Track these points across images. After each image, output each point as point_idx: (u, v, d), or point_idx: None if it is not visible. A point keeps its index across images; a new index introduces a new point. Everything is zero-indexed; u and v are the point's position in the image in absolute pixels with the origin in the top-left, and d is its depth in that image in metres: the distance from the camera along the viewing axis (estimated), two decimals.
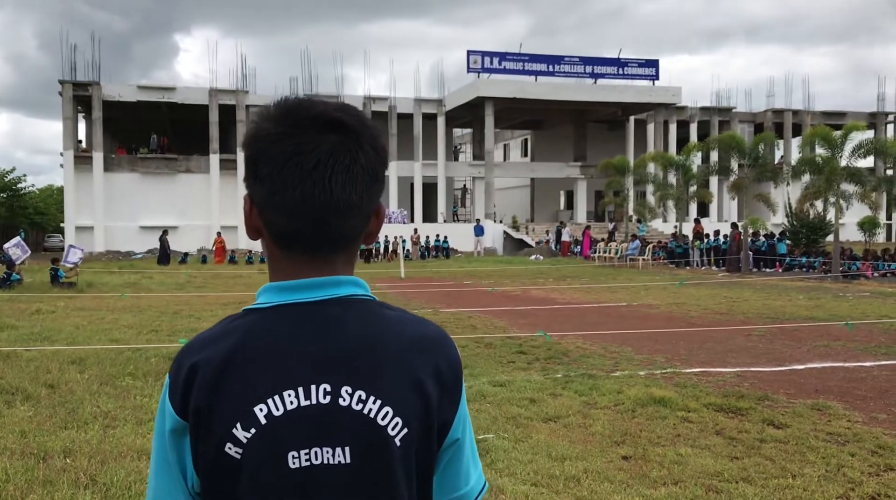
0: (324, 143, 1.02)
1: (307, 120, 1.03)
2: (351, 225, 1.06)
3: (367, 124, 1.07)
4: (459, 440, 1.09)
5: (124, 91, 37.89)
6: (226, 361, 1.01)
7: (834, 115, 44.73)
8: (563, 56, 40.97)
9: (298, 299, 1.04)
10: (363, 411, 1.00)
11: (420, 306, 14.77)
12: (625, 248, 29.41)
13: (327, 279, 1.05)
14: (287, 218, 1.03)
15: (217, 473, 1.00)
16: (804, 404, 6.39)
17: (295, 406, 0.99)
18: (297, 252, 1.06)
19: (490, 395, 6.62)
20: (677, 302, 15.27)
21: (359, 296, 1.07)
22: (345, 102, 1.11)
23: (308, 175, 1.01)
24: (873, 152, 21.79)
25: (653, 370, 7.97)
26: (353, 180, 1.03)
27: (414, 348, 1.05)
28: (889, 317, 12.45)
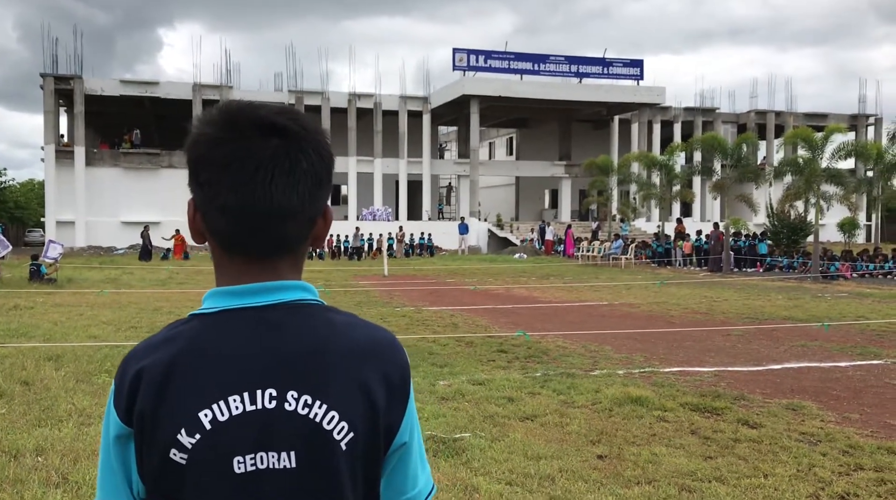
0: (265, 148, 1.01)
1: (248, 125, 1.02)
2: (294, 230, 1.05)
3: (311, 129, 1.06)
4: (407, 443, 1.09)
5: (107, 85, 37.56)
6: (170, 366, 1.00)
7: (816, 116, 45.12)
8: (548, 55, 41.06)
9: (243, 305, 1.03)
10: (309, 416, 1.00)
11: (402, 304, 14.77)
12: (608, 247, 29.53)
13: (272, 284, 1.05)
14: (227, 223, 1.03)
15: (162, 479, 1.00)
16: (779, 404, 6.45)
17: (240, 411, 0.99)
18: (241, 257, 1.05)
19: (469, 393, 6.63)
20: (658, 301, 15.36)
21: (306, 301, 1.07)
22: (291, 107, 1.11)
23: (248, 180, 1.00)
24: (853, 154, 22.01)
25: (631, 369, 8.02)
26: (295, 185, 1.02)
27: (361, 353, 1.05)
28: (866, 318, 12.59)
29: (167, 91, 38.38)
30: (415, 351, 8.94)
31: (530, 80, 40.43)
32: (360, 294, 16.84)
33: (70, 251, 30.91)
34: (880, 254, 22.81)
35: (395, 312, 13.32)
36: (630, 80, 41.68)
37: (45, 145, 36.79)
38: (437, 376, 7.49)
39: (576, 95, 40.47)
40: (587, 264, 28.98)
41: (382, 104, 40.62)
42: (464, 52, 39.71)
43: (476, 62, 39.65)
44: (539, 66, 40.46)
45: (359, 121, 40.22)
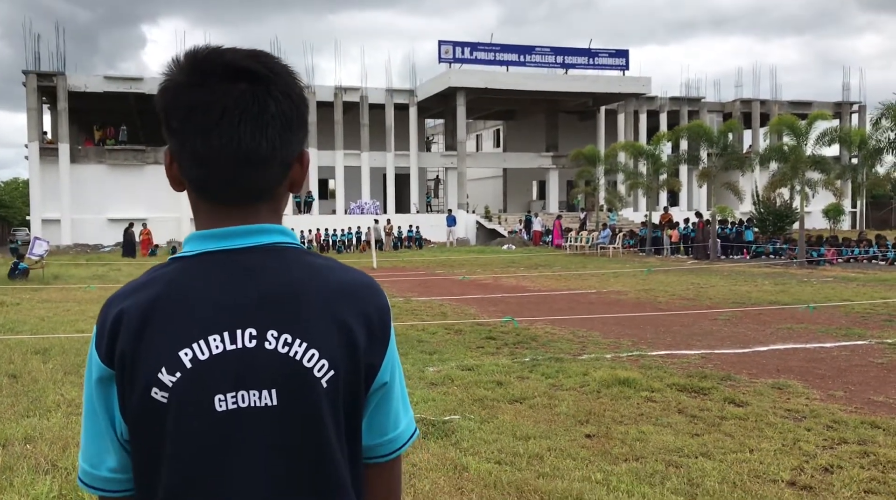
0: (231, 92, 1.01)
1: (214, 69, 1.02)
2: (267, 175, 1.05)
3: (279, 71, 1.05)
4: (388, 384, 1.10)
5: (90, 82, 37.25)
6: (150, 308, 1.01)
7: (800, 104, 45.34)
8: (534, 46, 41.04)
9: (222, 247, 1.04)
10: (289, 354, 1.01)
11: (392, 294, 14.76)
12: (595, 236, 29.63)
13: (250, 227, 1.05)
14: (199, 169, 1.04)
15: (144, 418, 1.01)
16: (765, 384, 6.52)
17: (220, 350, 1.00)
18: (217, 202, 1.06)
19: (458, 378, 6.67)
20: (646, 288, 15.44)
21: (284, 244, 1.08)
22: (260, 49, 1.09)
23: (215, 126, 1.00)
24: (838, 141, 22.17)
25: (619, 353, 8.08)
26: (263, 129, 1.02)
27: (341, 294, 1.06)
28: (850, 300, 12.71)
29: (152, 87, 37.97)
30: (404, 339, 8.96)
31: (516, 72, 40.41)
32: None
33: (56, 249, 30.71)
34: (864, 239, 23.01)
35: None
36: (616, 70, 41.74)
37: (29, 143, 36.47)
38: (427, 362, 7.52)
39: (562, 86, 40.49)
40: (575, 254, 29.08)
41: (369, 98, 40.51)
42: (449, 45, 39.63)
43: (462, 54, 39.58)
44: (525, 57, 40.44)
45: (345, 115, 40.10)
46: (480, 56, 39.81)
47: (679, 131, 28.25)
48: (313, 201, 39.82)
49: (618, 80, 41.32)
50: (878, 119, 19.80)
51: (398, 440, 1.13)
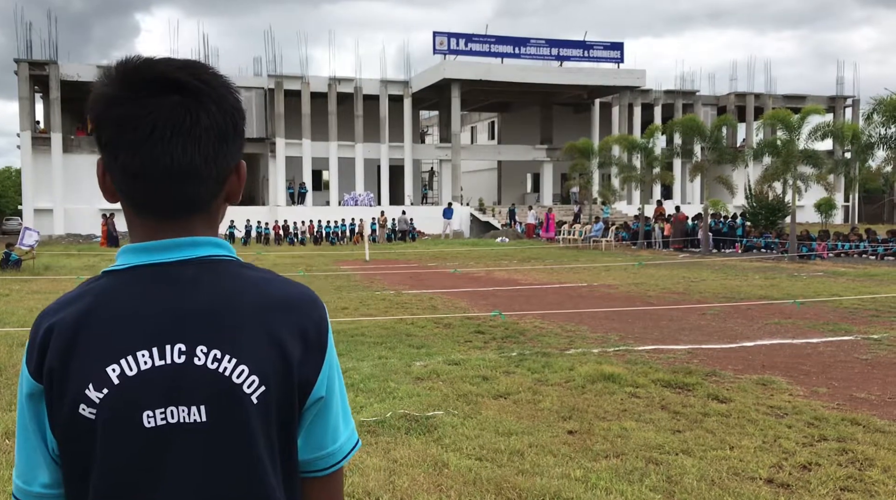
0: (162, 105, 1.00)
1: (145, 82, 1.01)
2: (201, 189, 1.04)
3: (212, 83, 1.04)
4: (325, 398, 1.09)
5: (83, 71, 37.05)
6: (79, 323, 1.01)
7: (795, 98, 45.39)
8: (529, 38, 40.96)
9: (153, 261, 1.03)
10: (218, 370, 1.00)
11: (383, 287, 14.78)
12: (588, 230, 29.66)
13: (183, 240, 1.04)
14: (131, 183, 1.02)
15: (73, 435, 1.00)
16: (750, 379, 6.55)
17: (149, 366, 0.99)
18: (151, 215, 1.05)
19: (444, 373, 6.68)
20: (636, 282, 15.47)
21: (218, 257, 1.07)
22: (197, 60, 1.09)
23: (145, 140, 0.99)
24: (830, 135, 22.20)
25: (606, 348, 8.10)
26: (195, 143, 1.01)
27: (275, 308, 1.05)
28: (839, 295, 12.76)
29: None
30: (392, 333, 8.98)
31: (511, 64, 40.34)
32: (342, 278, 16.84)
33: (48, 239, 30.62)
34: (856, 234, 23.08)
35: (375, 295, 13.33)
36: (611, 63, 41.70)
37: (21, 132, 36.31)
38: (414, 357, 7.53)
39: (556, 79, 40.45)
40: (568, 247, 29.11)
41: (363, 89, 40.40)
42: (444, 36, 39.52)
43: (457, 46, 39.48)
44: (520, 49, 40.37)
45: (339, 106, 40.00)
46: (475, 48, 39.73)
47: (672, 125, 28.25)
48: (307, 193, 39.77)
49: (613, 72, 41.29)
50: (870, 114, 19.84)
51: (337, 454, 1.13)
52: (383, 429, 4.97)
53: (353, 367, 6.88)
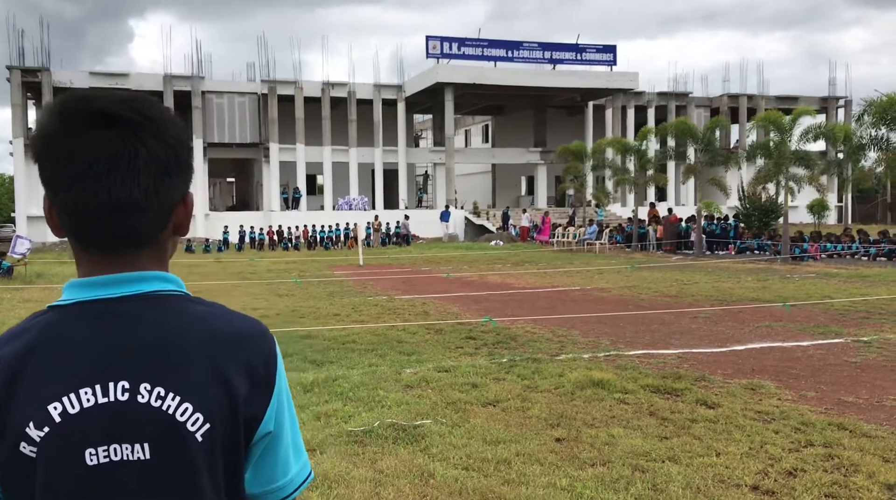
0: (99, 140, 1.00)
1: (84, 117, 1.01)
2: (143, 223, 1.04)
3: (152, 116, 1.04)
4: (273, 433, 1.09)
5: (75, 77, 36.99)
6: (21, 359, 1.00)
7: (787, 99, 45.51)
8: (521, 42, 41.02)
9: (98, 296, 1.03)
10: (161, 408, 1.00)
11: (376, 293, 14.78)
12: (582, 232, 29.70)
13: (129, 275, 1.04)
14: (72, 219, 1.02)
15: (14, 473, 0.99)
16: (739, 384, 6.57)
17: (92, 404, 0.99)
18: (95, 250, 1.04)
19: (433, 381, 6.68)
20: (629, 285, 15.50)
21: (165, 292, 1.06)
22: (140, 94, 1.08)
23: (82, 176, 0.99)
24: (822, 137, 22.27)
25: (596, 353, 8.11)
26: (135, 177, 1.01)
27: (222, 343, 1.05)
28: (830, 297, 12.80)
29: (138, 83, 37.86)
30: (384, 340, 8.99)
31: (504, 67, 40.40)
32: (335, 284, 16.83)
33: (41, 247, 30.53)
34: (848, 235, 23.15)
35: (368, 301, 13.32)
36: (603, 65, 41.78)
37: (14, 139, 36.21)
38: (404, 364, 7.53)
39: (549, 82, 40.51)
40: (562, 250, 29.13)
41: (356, 93, 40.41)
42: (437, 40, 39.55)
43: (449, 50, 39.52)
44: (512, 52, 40.43)
45: (333, 110, 40.00)
46: (468, 51, 39.78)
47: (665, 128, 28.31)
48: (301, 197, 39.75)
49: (605, 75, 41.38)
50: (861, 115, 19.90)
51: (288, 487, 1.13)
52: (371, 439, 4.97)
53: (342, 375, 6.88)
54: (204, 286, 16.08)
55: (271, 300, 13.61)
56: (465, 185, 49.23)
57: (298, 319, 11.11)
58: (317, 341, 8.95)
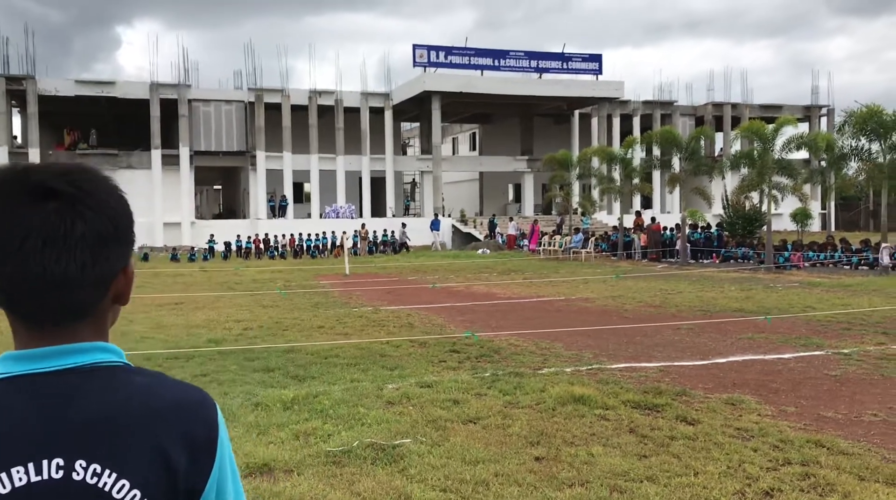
0: (35, 213, 0.98)
1: (20, 190, 1.00)
2: (79, 296, 1.02)
3: (90, 189, 1.03)
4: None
5: (61, 85, 36.79)
6: None
7: (771, 108, 45.90)
8: (508, 51, 41.19)
9: (34, 370, 1.01)
10: (98, 485, 0.98)
11: (361, 304, 14.75)
12: (568, 241, 29.78)
13: (67, 347, 1.02)
14: (6, 294, 1.01)
15: None
16: (719, 399, 6.60)
17: (24, 483, 0.96)
18: (32, 322, 1.03)
19: (415, 397, 6.66)
20: (614, 295, 15.54)
21: (105, 363, 1.05)
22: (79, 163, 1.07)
23: (17, 250, 0.98)
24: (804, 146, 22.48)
25: (579, 367, 8.12)
26: (71, 252, 0.99)
27: (160, 416, 1.03)
28: (812, 308, 12.88)
29: (124, 91, 37.73)
30: (367, 354, 8.97)
31: (491, 76, 40.54)
32: (320, 295, 16.78)
33: None
34: (831, 243, 23.34)
35: (353, 312, 13.30)
36: (589, 75, 42.01)
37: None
38: (387, 379, 7.51)
39: (536, 90, 40.68)
40: (548, 259, 29.20)
41: (344, 101, 40.41)
42: (424, 49, 39.64)
43: (437, 58, 39.61)
44: (499, 61, 40.58)
45: (320, 118, 39.97)
46: (455, 60, 39.89)
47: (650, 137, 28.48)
48: (287, 205, 39.66)
49: (591, 84, 41.59)
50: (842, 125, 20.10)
51: None
52: (349, 459, 4.95)
53: (324, 391, 6.86)
54: (188, 298, 16.01)
55: (256, 312, 13.56)
56: (453, 192, 49.30)
57: (282, 331, 11.07)
58: (299, 355, 8.91)
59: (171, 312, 13.54)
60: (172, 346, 9.66)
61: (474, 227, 39.71)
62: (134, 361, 1.13)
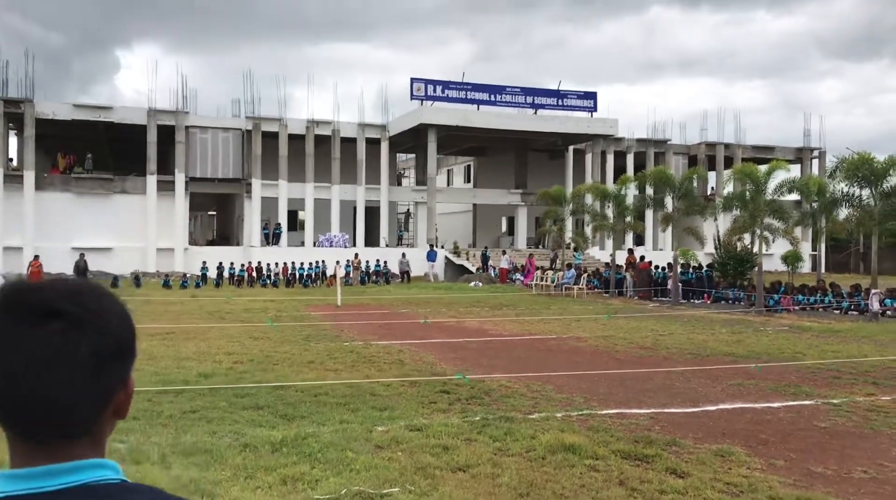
0: (39, 334, 0.99)
1: (27, 310, 1.00)
2: (78, 416, 1.02)
3: (96, 309, 1.03)
4: None
5: (59, 109, 36.91)
6: None
7: (763, 149, 46.38)
8: (504, 86, 41.64)
9: (30, 490, 1.00)
10: None
11: (352, 338, 14.71)
12: (561, 276, 29.84)
13: (64, 466, 1.02)
14: (4, 412, 1.01)
15: None
16: (709, 450, 6.59)
17: None
18: (30, 440, 1.02)
19: (405, 441, 6.64)
20: (605, 335, 15.55)
21: (102, 481, 1.04)
22: (85, 281, 1.08)
23: (22, 371, 0.98)
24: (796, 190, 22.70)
25: (570, 412, 8.11)
26: (73, 371, 1.00)
27: None
28: (802, 354, 12.91)
29: (121, 116, 37.87)
30: (357, 392, 8.94)
31: (487, 111, 40.90)
32: (311, 327, 16.73)
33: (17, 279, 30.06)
34: (821, 287, 23.46)
35: (343, 347, 13.26)
36: (584, 111, 42.45)
37: None
38: (376, 420, 7.49)
39: (531, 126, 41.05)
40: (540, 294, 29.21)
41: (341, 131, 40.65)
42: (421, 82, 40.02)
43: (434, 92, 39.99)
44: (496, 96, 41.00)
45: (317, 147, 40.16)
46: (452, 94, 40.27)
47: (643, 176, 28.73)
48: (281, 233, 39.66)
49: (586, 121, 42.01)
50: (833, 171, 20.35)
51: None
52: None
53: (313, 433, 6.82)
54: (178, 328, 15.93)
55: (246, 344, 13.51)
56: (447, 224, 49.42)
57: (272, 365, 11.03)
58: (289, 392, 8.88)
59: (162, 342, 13.47)
60: (163, 379, 9.60)
61: (467, 259, 39.76)
62: None
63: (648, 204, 30.80)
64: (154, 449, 6.26)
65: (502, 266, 36.18)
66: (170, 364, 10.98)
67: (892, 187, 19.30)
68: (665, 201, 29.36)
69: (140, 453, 6.18)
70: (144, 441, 6.56)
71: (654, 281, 27.47)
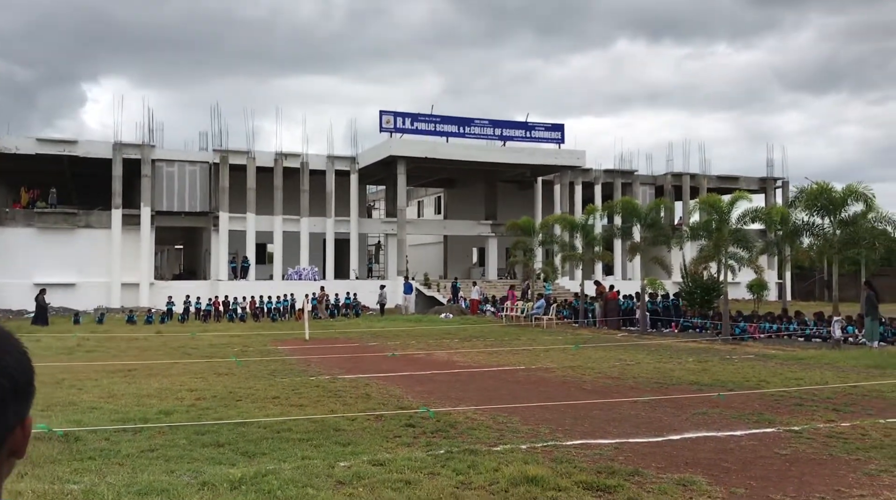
0: None
1: None
2: None
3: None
4: None
5: (21, 143, 36.50)
6: None
7: (728, 179, 47.33)
8: (473, 118, 42.11)
9: None
10: None
11: (318, 372, 14.57)
12: (530, 307, 29.92)
13: None
14: None
15: None
16: (671, 479, 6.60)
17: None
18: None
19: (367, 476, 6.56)
20: (573, 365, 15.58)
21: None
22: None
23: None
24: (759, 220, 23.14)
25: (534, 443, 8.08)
26: None
27: None
28: (766, 382, 13.05)
29: (86, 150, 37.54)
30: (321, 427, 8.83)
31: (456, 143, 41.27)
32: (277, 362, 16.53)
33: None
34: (786, 315, 23.81)
35: (310, 381, 13.12)
36: (552, 143, 43.03)
37: None
38: (339, 456, 7.39)
39: (500, 158, 41.47)
40: (510, 325, 29.25)
41: (310, 164, 40.68)
42: (391, 115, 40.32)
43: (403, 124, 40.29)
44: (464, 129, 41.41)
45: (285, 180, 40.11)
46: (421, 127, 40.60)
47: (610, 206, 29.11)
48: (249, 267, 39.34)
49: (553, 152, 42.55)
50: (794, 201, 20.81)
51: None
52: None
53: (273, 470, 6.71)
54: (141, 365, 15.65)
55: (210, 380, 13.30)
56: (417, 255, 49.44)
57: (235, 402, 10.86)
58: (251, 429, 8.74)
59: (123, 379, 13.22)
60: (122, 417, 9.40)
61: (438, 290, 39.75)
62: (80, 435, 1.12)
63: (616, 234, 31.16)
64: (109, 490, 6.10)
65: (473, 297, 36.21)
66: (130, 402, 10.77)
67: (850, 216, 19.76)
68: (633, 231, 29.70)
69: (94, 494, 6.03)
70: (99, 482, 6.40)
71: (623, 311, 27.67)
